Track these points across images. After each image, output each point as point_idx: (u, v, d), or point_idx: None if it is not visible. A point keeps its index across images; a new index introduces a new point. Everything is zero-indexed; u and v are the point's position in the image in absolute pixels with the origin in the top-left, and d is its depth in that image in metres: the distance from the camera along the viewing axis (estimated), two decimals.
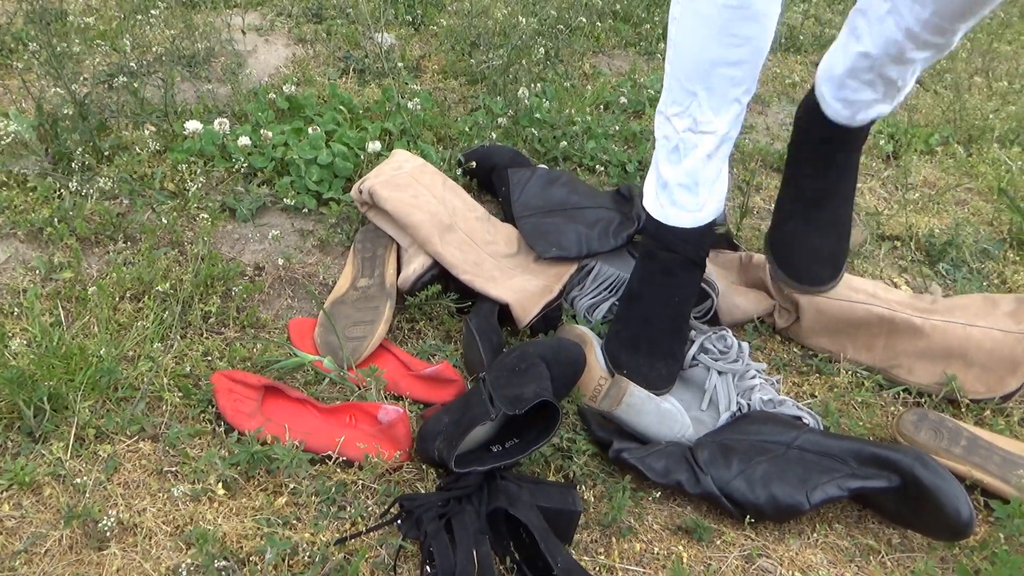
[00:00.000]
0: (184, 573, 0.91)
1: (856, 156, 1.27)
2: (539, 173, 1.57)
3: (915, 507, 1.04)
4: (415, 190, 1.42)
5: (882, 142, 2.07)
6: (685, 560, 1.01)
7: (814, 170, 1.28)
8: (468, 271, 1.32)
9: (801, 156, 1.30)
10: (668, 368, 1.24)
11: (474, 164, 1.61)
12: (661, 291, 1.26)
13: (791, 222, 1.30)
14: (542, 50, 2.24)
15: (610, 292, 1.41)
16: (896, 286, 1.56)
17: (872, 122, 1.23)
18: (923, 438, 1.16)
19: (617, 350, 1.25)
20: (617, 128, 1.94)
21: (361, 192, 1.43)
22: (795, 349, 1.39)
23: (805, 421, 1.18)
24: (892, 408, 1.29)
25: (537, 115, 1.89)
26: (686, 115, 1.17)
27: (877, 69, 1.13)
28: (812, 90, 1.26)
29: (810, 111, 1.25)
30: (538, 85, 2.07)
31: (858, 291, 1.36)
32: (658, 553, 1.02)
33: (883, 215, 1.77)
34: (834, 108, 1.20)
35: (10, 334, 1.18)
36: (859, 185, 1.92)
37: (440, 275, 1.35)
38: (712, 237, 1.30)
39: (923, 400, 1.30)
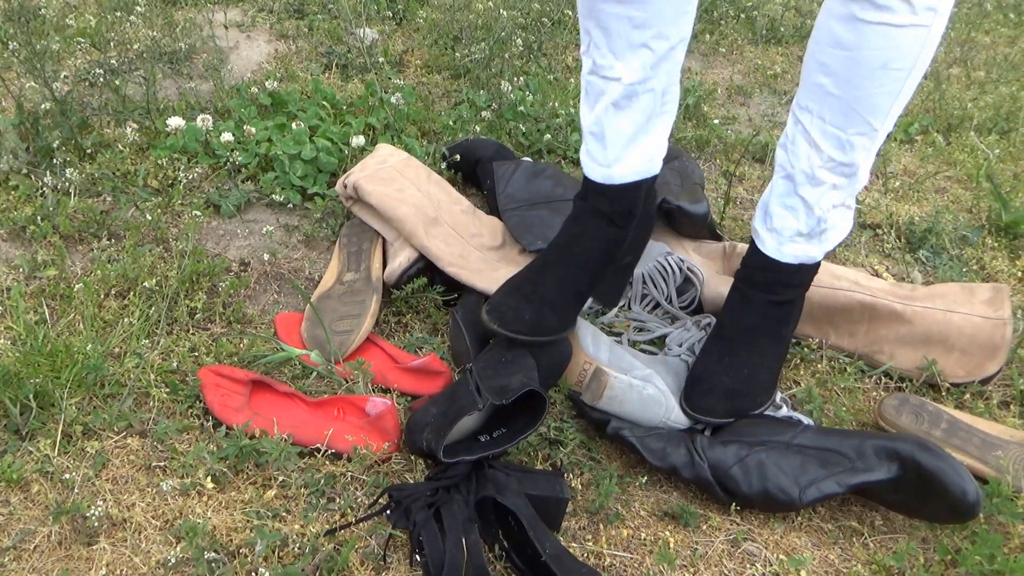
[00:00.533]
0: (174, 566, 0.91)
1: (783, 313, 1.20)
2: (524, 166, 1.57)
3: (920, 493, 1.02)
4: (400, 184, 1.42)
5: None
6: (672, 545, 1.02)
7: (736, 313, 1.22)
8: (454, 264, 1.33)
9: (727, 303, 1.24)
10: (536, 316, 1.15)
11: (458, 157, 1.62)
12: (563, 238, 1.19)
13: (701, 358, 1.22)
14: (521, 43, 2.24)
15: None
16: (877, 274, 1.58)
17: (801, 273, 1.17)
18: (904, 422, 1.18)
19: (497, 292, 1.21)
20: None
21: (346, 187, 1.43)
22: None
23: (801, 422, 1.19)
24: (874, 393, 1.30)
25: (521, 108, 1.89)
26: (587, 56, 1.07)
27: (798, 191, 1.10)
28: (737, 271, 1.23)
29: (746, 259, 1.21)
30: (521, 79, 2.07)
31: (840, 278, 1.37)
32: (645, 539, 1.04)
33: (864, 203, 1.79)
34: (764, 240, 1.16)
35: None
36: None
37: (426, 268, 1.35)
38: (643, 202, 1.19)
39: (904, 385, 1.32)
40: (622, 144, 1.11)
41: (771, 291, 1.19)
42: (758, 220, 1.19)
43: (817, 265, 1.19)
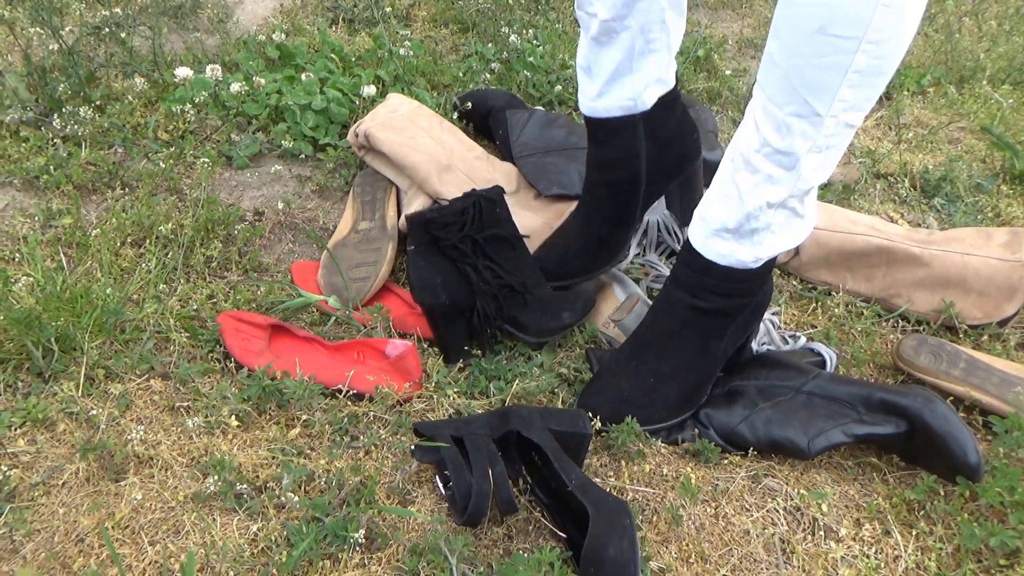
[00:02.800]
0: (204, 499, 0.92)
1: (707, 324, 1.05)
2: (537, 115, 1.56)
3: (924, 451, 1.03)
4: (412, 132, 1.41)
5: None
6: (693, 481, 1.03)
7: (655, 311, 1.10)
8: None
9: (655, 300, 1.12)
10: (587, 257, 1.23)
11: (470, 105, 1.60)
12: (596, 174, 1.21)
13: (613, 353, 1.14)
14: None
15: None
16: (893, 220, 1.58)
17: (726, 281, 1.01)
18: (923, 362, 1.18)
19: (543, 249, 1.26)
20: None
21: (357, 135, 1.42)
22: (794, 282, 1.40)
23: (820, 355, 1.19)
24: (892, 336, 1.31)
25: (531, 59, 1.87)
26: None
27: (733, 176, 0.95)
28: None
29: (682, 251, 1.07)
30: (530, 31, 2.05)
31: (857, 223, 1.37)
32: (667, 475, 1.04)
33: (877, 154, 1.78)
34: (692, 225, 1.03)
35: (13, 279, 1.17)
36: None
37: None
38: (636, 141, 1.15)
39: (921, 327, 1.32)
40: (604, 79, 1.11)
41: (695, 295, 1.03)
42: (695, 218, 1.04)
43: (758, 275, 1.01)
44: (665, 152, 1.19)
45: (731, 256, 0.99)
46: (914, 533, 0.99)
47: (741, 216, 0.95)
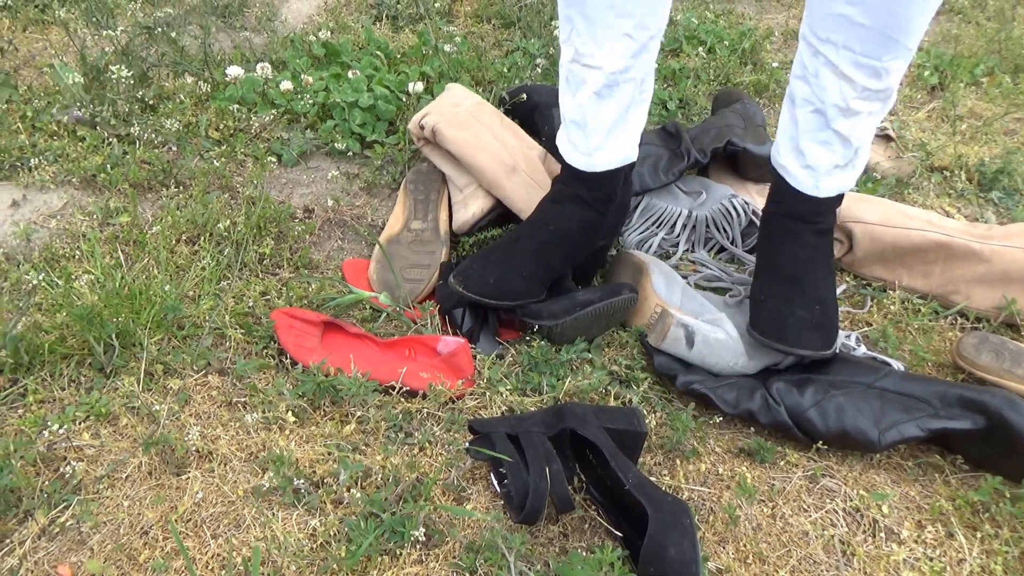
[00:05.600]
0: (264, 493, 0.93)
1: (828, 240, 1.17)
2: None
3: (1003, 450, 1.00)
4: (476, 130, 1.40)
5: (927, 74, 2.03)
6: (750, 480, 1.02)
7: (787, 249, 1.16)
8: None
9: (771, 240, 1.19)
10: (501, 280, 1.16)
11: (524, 96, 1.59)
12: (538, 214, 1.19)
13: (770, 300, 1.16)
14: None
15: (658, 226, 1.41)
16: (949, 215, 1.54)
17: (837, 199, 1.14)
18: (984, 360, 1.15)
19: (470, 257, 1.22)
20: (655, 66, 1.91)
21: (422, 127, 1.41)
22: (848, 279, 1.37)
23: (887, 364, 1.17)
24: (950, 333, 1.28)
25: None
26: (568, 44, 1.05)
27: (831, 125, 1.06)
28: (769, 194, 1.19)
29: (777, 195, 1.17)
30: None
31: (913, 218, 1.34)
32: (722, 474, 1.03)
33: (930, 146, 1.74)
34: (798, 178, 1.12)
35: (74, 276, 1.20)
36: (905, 117, 1.89)
37: (496, 219, 1.35)
38: (621, 187, 1.19)
39: (981, 325, 1.29)
40: (603, 133, 1.10)
41: (815, 221, 1.14)
42: (787, 158, 1.13)
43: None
44: (615, 214, 1.22)
45: (841, 186, 1.11)
46: (979, 536, 0.97)
47: (851, 153, 1.08)
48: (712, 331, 1.14)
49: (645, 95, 1.12)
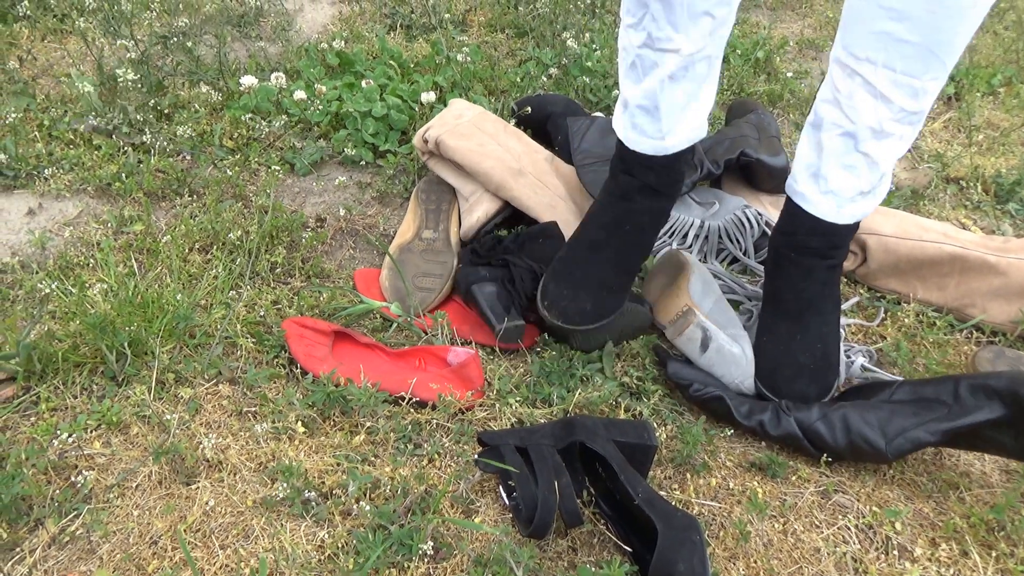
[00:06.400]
0: (272, 504, 0.93)
1: (838, 274, 1.14)
2: (598, 122, 1.55)
3: None
4: (480, 139, 1.41)
5: None
6: (761, 495, 1.01)
7: (795, 284, 1.14)
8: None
9: (779, 273, 1.16)
10: (594, 301, 1.12)
11: (529, 109, 1.60)
12: (612, 216, 1.13)
13: (770, 343, 1.15)
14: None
15: (671, 236, 1.40)
16: (965, 227, 1.52)
17: (854, 228, 1.11)
18: None
19: (548, 277, 1.15)
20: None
21: (427, 141, 1.42)
22: (862, 291, 1.36)
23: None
24: (965, 347, 1.26)
25: (588, 63, 1.86)
26: (640, 28, 1.00)
27: (859, 147, 1.03)
28: (779, 224, 1.16)
29: (789, 225, 1.14)
30: (587, 35, 2.04)
31: (928, 230, 1.33)
32: (733, 488, 1.02)
33: (947, 157, 1.72)
34: (817, 204, 1.09)
35: (88, 284, 1.21)
36: (921, 128, 1.87)
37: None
38: (686, 165, 1.14)
39: (997, 338, 1.27)
40: (675, 115, 1.06)
41: (829, 256, 1.11)
42: (805, 185, 1.09)
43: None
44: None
45: (862, 213, 1.09)
46: (994, 555, 0.95)
47: (876, 178, 1.05)
48: (729, 344, 1.13)
49: (715, 70, 1.08)
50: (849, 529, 0.98)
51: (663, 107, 1.05)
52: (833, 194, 1.07)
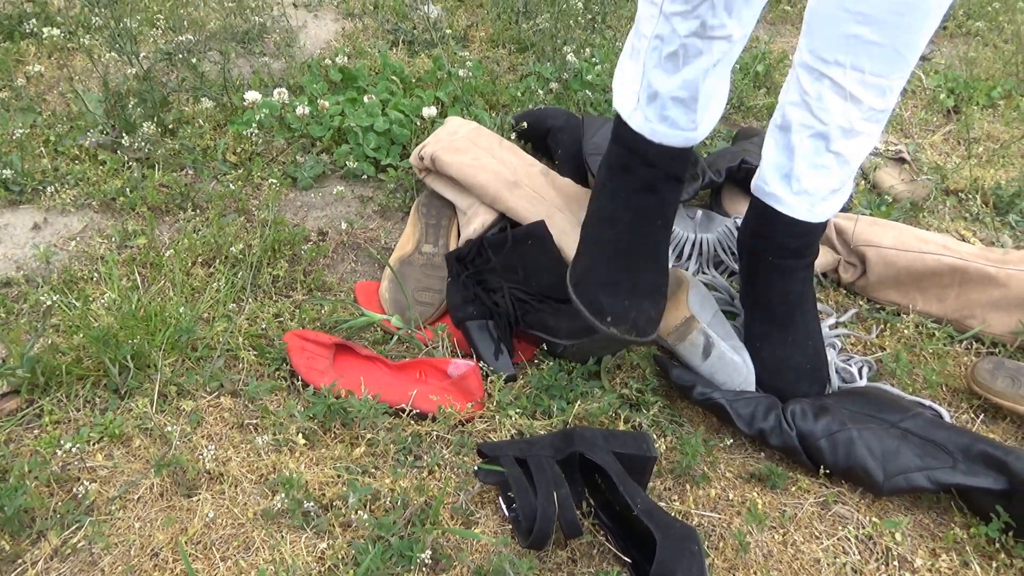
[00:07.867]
0: (273, 516, 0.94)
1: (812, 270, 1.18)
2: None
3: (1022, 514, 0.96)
4: (475, 153, 1.42)
5: (942, 96, 2.02)
6: (760, 506, 1.01)
7: (779, 289, 1.16)
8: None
9: (760, 279, 1.18)
10: (656, 307, 1.10)
11: (525, 125, 1.61)
12: (642, 213, 1.11)
13: (767, 349, 1.16)
14: (588, 13, 2.22)
15: (672, 251, 1.41)
16: (964, 239, 1.53)
17: (826, 225, 1.14)
18: (1000, 386, 1.14)
19: (595, 292, 1.09)
20: None
21: (423, 158, 1.43)
22: (861, 303, 1.37)
23: (935, 411, 1.13)
24: (965, 358, 1.26)
25: (588, 77, 1.88)
26: (692, 16, 0.97)
27: (830, 147, 1.05)
28: (746, 221, 1.19)
29: (763, 228, 1.15)
30: (587, 50, 2.05)
31: (927, 242, 1.33)
32: (733, 499, 1.02)
33: (946, 169, 1.73)
34: (791, 205, 1.10)
35: (91, 297, 1.22)
36: (920, 140, 1.88)
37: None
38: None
39: (997, 350, 1.27)
40: (710, 104, 1.07)
41: (805, 255, 1.15)
42: (777, 186, 1.10)
43: None
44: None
45: (833, 210, 1.11)
46: (994, 566, 0.95)
47: (846, 175, 1.08)
48: (730, 352, 1.14)
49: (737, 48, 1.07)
50: (849, 540, 0.98)
51: (701, 97, 1.04)
52: (807, 194, 1.09)
